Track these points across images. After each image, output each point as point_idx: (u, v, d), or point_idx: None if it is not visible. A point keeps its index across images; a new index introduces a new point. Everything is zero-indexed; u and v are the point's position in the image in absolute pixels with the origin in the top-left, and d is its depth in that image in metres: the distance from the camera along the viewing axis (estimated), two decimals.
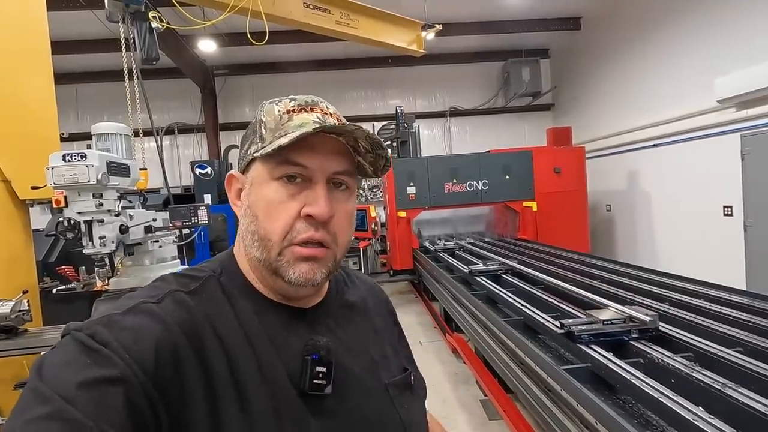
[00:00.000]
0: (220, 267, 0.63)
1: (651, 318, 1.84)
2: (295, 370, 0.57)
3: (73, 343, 0.49)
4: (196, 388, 0.51)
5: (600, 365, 1.69)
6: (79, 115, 8.28)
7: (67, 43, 6.56)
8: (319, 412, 0.57)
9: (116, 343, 0.48)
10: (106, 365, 0.47)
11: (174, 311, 0.54)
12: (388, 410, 0.64)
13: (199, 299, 0.57)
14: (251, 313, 0.59)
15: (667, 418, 1.35)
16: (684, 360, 1.63)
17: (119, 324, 0.50)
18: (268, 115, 0.61)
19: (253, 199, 0.60)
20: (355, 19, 4.70)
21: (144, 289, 0.58)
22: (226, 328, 0.56)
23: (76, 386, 0.44)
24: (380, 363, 0.68)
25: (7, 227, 2.64)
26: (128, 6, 3.04)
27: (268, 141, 0.58)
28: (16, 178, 2.63)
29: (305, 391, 0.56)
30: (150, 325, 0.51)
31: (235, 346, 0.55)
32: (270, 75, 8.62)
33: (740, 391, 1.34)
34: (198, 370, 0.52)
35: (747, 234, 4.38)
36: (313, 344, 0.59)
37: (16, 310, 2.11)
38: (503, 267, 3.56)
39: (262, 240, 0.59)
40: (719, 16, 4.71)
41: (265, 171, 0.59)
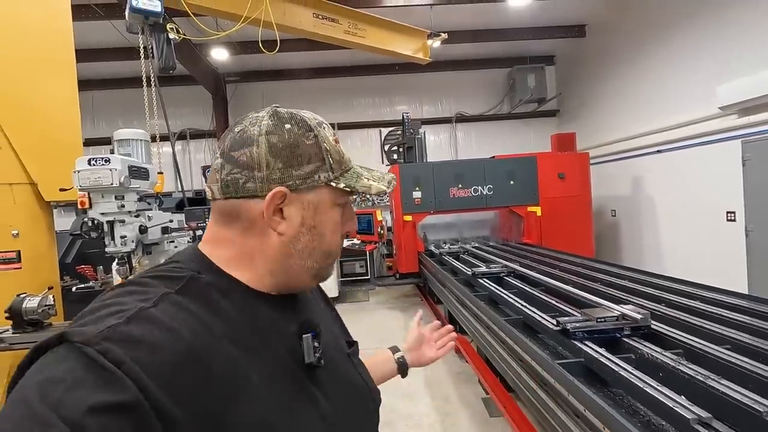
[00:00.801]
0: (197, 267, 0.62)
1: (642, 316, 1.93)
2: (293, 348, 0.63)
3: (80, 359, 0.45)
4: (212, 388, 0.51)
5: (592, 360, 1.77)
6: (94, 121, 8.53)
7: (84, 52, 6.78)
8: (317, 382, 0.64)
9: (132, 364, 0.45)
10: (119, 389, 0.43)
11: (175, 315, 0.53)
12: (355, 375, 0.76)
13: (191, 298, 0.56)
14: (243, 304, 0.62)
15: (652, 407, 1.44)
16: (672, 355, 1.71)
17: (129, 337, 0.47)
18: (326, 142, 0.66)
19: (322, 220, 0.66)
20: (362, 29, 4.85)
21: (126, 291, 0.55)
22: (226, 322, 0.57)
23: (85, 411, 0.41)
24: (338, 336, 0.79)
25: (32, 227, 2.79)
26: (147, 18, 3.21)
27: (338, 172, 0.66)
28: (41, 180, 2.78)
29: (309, 365, 0.63)
30: (159, 336, 0.49)
31: (240, 337, 0.58)
32: (280, 82, 8.82)
33: (721, 383, 1.42)
34: (210, 369, 0.52)
35: (748, 239, 4.42)
36: (308, 323, 0.66)
37: (42, 305, 2.24)
38: (506, 269, 3.64)
39: (326, 253, 0.68)
40: (722, 25, 4.78)
41: (331, 197, 0.66)
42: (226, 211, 0.64)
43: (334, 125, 8.96)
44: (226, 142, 0.64)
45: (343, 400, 0.68)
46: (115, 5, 5.22)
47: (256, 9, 3.79)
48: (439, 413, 3.18)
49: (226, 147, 0.64)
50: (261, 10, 3.81)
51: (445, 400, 3.37)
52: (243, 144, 0.62)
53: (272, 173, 0.62)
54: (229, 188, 0.62)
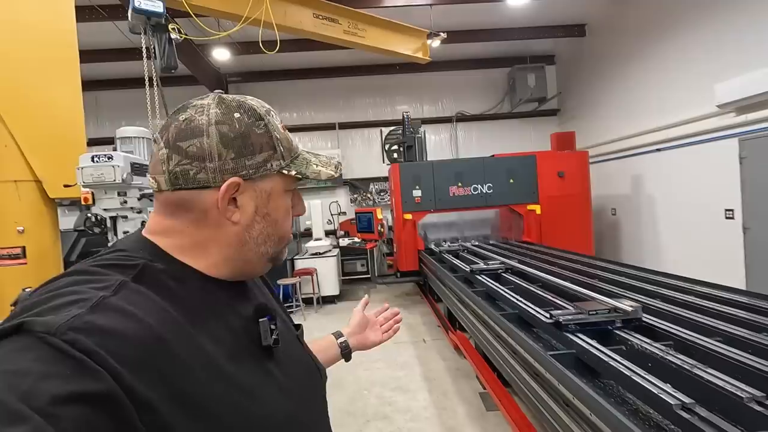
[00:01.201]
0: (148, 255, 0.61)
1: (633, 309, 1.96)
2: (250, 331, 0.65)
3: (48, 350, 0.43)
4: (180, 373, 0.51)
5: (584, 351, 1.81)
6: (98, 121, 8.60)
7: (87, 53, 6.84)
8: (275, 360, 0.67)
9: (102, 353, 0.44)
10: (92, 379, 0.42)
11: (137, 302, 0.52)
12: (305, 355, 0.80)
13: (147, 286, 0.56)
14: (201, 291, 0.62)
15: (638, 394, 1.47)
16: (662, 346, 1.74)
17: (96, 327, 0.46)
18: (277, 131, 0.67)
19: (274, 207, 0.68)
20: (362, 29, 4.89)
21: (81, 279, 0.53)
22: (185, 308, 0.57)
23: (56, 401, 0.39)
24: (286, 320, 0.82)
25: (37, 224, 2.84)
26: (150, 19, 3.26)
27: (289, 159, 0.68)
28: (46, 178, 2.83)
29: (267, 346, 0.65)
30: (127, 325, 0.48)
31: (201, 322, 0.58)
32: (281, 82, 8.88)
33: (707, 371, 1.45)
34: (178, 353, 0.52)
35: (746, 236, 4.44)
36: (264, 307, 0.69)
37: None
38: (503, 266, 3.68)
39: (279, 239, 0.70)
40: (719, 24, 4.80)
41: (283, 184, 0.68)
42: (175, 202, 0.62)
43: (335, 125, 9.03)
44: (170, 132, 0.61)
45: (299, 378, 0.72)
46: (118, 6, 5.28)
47: (256, 9, 3.84)
48: (437, 407, 3.22)
49: (171, 137, 0.61)
50: (261, 11, 3.86)
51: (443, 394, 3.40)
52: (191, 134, 0.60)
53: (225, 164, 0.61)
54: (179, 180, 0.60)
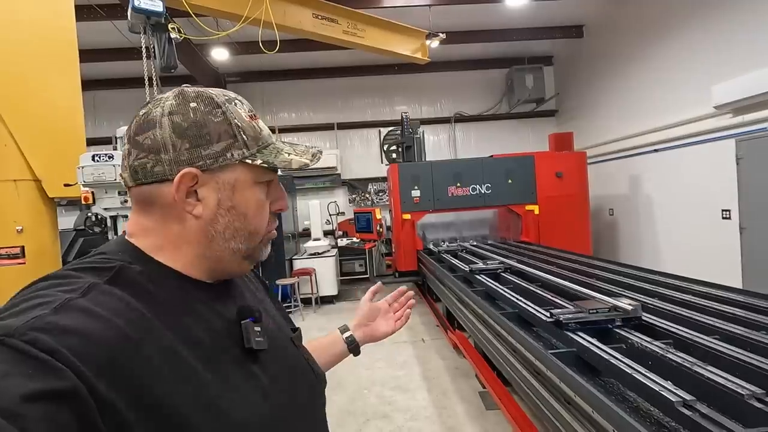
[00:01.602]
0: (128, 257, 0.60)
1: (633, 307, 1.97)
2: (235, 333, 0.63)
3: (6, 351, 0.42)
4: (151, 374, 0.50)
5: (584, 349, 1.82)
6: (96, 121, 8.57)
7: (86, 52, 6.81)
8: (261, 364, 0.64)
9: (64, 351, 0.43)
10: (54, 377, 0.42)
11: (106, 303, 0.51)
12: (299, 358, 0.76)
13: (122, 288, 0.54)
14: (179, 291, 0.61)
15: (639, 391, 1.48)
16: (662, 345, 1.76)
17: (57, 326, 0.45)
18: (239, 119, 0.63)
19: (240, 200, 0.64)
20: (361, 29, 4.91)
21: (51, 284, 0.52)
22: (160, 309, 0.56)
23: (19, 400, 0.39)
24: (280, 322, 0.79)
25: (36, 223, 2.84)
26: (149, 18, 3.26)
27: (254, 149, 0.64)
28: (45, 177, 2.83)
29: (251, 349, 0.62)
30: (90, 324, 0.47)
31: (176, 323, 0.57)
32: (280, 82, 8.88)
33: (707, 369, 1.47)
34: (148, 356, 0.51)
35: (742, 236, 4.47)
36: (247, 309, 0.66)
37: None
38: (502, 266, 3.69)
39: (250, 234, 0.65)
40: (717, 26, 4.84)
41: (250, 175, 0.64)
42: (142, 198, 0.62)
43: (333, 125, 9.03)
44: (131, 127, 0.62)
45: (288, 382, 0.69)
46: (117, 6, 5.27)
47: (256, 9, 3.84)
48: (436, 406, 3.23)
49: (131, 131, 0.61)
50: (261, 11, 3.86)
51: (443, 393, 3.41)
52: (147, 127, 0.60)
53: (180, 155, 0.59)
54: (138, 174, 0.60)
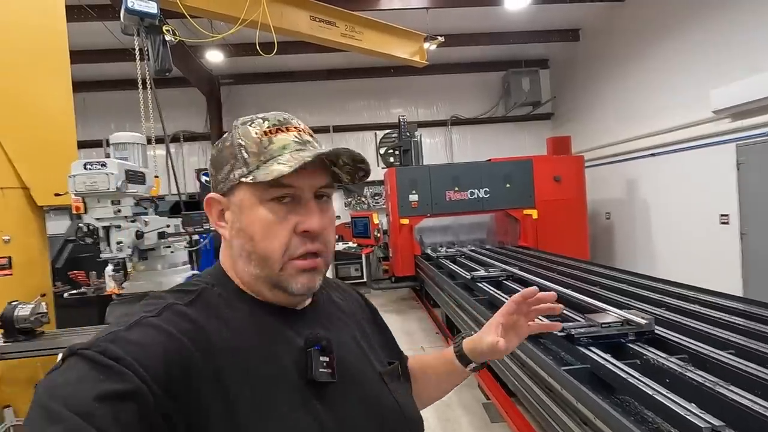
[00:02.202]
0: (213, 280, 0.65)
1: (647, 321, 1.92)
2: (300, 362, 0.61)
3: (83, 362, 0.49)
4: (209, 391, 0.53)
5: (598, 366, 1.76)
6: (87, 124, 8.39)
7: (75, 53, 6.65)
8: (326, 400, 0.60)
9: (128, 358, 0.49)
10: (119, 380, 0.47)
11: (176, 322, 0.55)
12: (385, 396, 0.69)
13: (198, 308, 0.59)
14: (249, 315, 0.62)
15: (662, 414, 1.42)
16: (678, 361, 1.70)
17: (125, 339, 0.51)
18: (245, 138, 0.63)
19: (246, 222, 0.62)
20: (359, 32, 4.84)
21: (140, 306, 0.59)
22: (228, 332, 0.58)
23: (91, 401, 0.45)
24: (370, 355, 0.74)
25: (24, 232, 2.72)
26: (143, 20, 3.16)
27: (254, 165, 0.61)
28: (34, 184, 2.72)
29: (313, 380, 0.60)
30: (155, 337, 0.52)
31: (241, 347, 0.58)
32: (274, 84, 8.77)
33: (730, 389, 1.41)
34: (209, 374, 0.54)
35: (743, 242, 4.46)
36: (314, 337, 0.63)
37: (34, 313, 2.19)
38: (504, 273, 3.64)
39: (261, 259, 0.62)
40: (715, 29, 4.84)
41: (254, 195, 0.62)
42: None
43: (329, 128, 8.94)
44: None
45: (359, 422, 0.63)
46: (108, 6, 5.15)
47: (253, 11, 3.76)
48: (440, 419, 3.16)
49: None
50: (258, 13, 3.78)
51: (446, 405, 3.34)
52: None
53: (214, 182, 0.67)
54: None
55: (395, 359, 0.79)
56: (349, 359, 0.67)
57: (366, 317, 0.81)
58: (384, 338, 0.83)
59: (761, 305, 2.36)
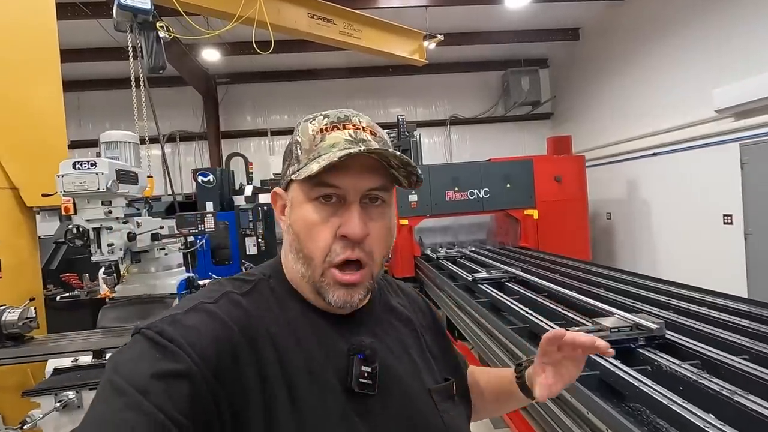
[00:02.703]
0: (270, 271, 0.67)
1: (658, 326, 1.86)
2: (342, 370, 0.59)
3: (143, 340, 0.53)
4: (252, 383, 0.54)
5: (608, 372, 1.70)
6: (81, 123, 8.31)
7: (70, 52, 6.61)
8: (364, 411, 0.59)
9: (181, 340, 0.52)
10: (173, 359, 0.50)
11: (230, 310, 0.58)
12: (431, 414, 0.65)
13: (251, 300, 0.61)
14: (299, 315, 0.62)
15: (678, 425, 1.36)
16: (692, 368, 1.64)
17: (182, 322, 0.54)
18: (303, 135, 0.63)
19: (294, 219, 0.63)
20: (358, 30, 4.77)
21: (201, 291, 0.62)
22: (276, 328, 0.59)
23: (148, 378, 0.48)
24: (423, 368, 0.69)
25: (14, 234, 2.65)
26: (136, 16, 3.08)
27: (303, 163, 0.61)
28: (24, 185, 2.64)
29: (352, 390, 0.58)
30: (210, 323, 0.55)
31: (286, 345, 0.58)
32: (271, 83, 8.70)
33: (749, 398, 1.35)
34: (254, 366, 0.55)
35: (747, 243, 4.41)
36: (358, 344, 0.61)
37: (23, 318, 2.11)
38: (506, 275, 3.58)
39: (306, 258, 0.62)
40: (718, 27, 4.79)
41: (302, 192, 0.62)
42: None
43: None
44: None
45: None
46: (102, 4, 5.07)
47: (249, 8, 3.68)
48: None
49: None
50: (255, 9, 3.71)
51: None
52: None
53: (282, 177, 0.68)
54: None
55: (452, 376, 0.74)
56: (396, 371, 0.65)
57: (428, 326, 0.78)
58: (444, 352, 0.78)
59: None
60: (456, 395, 0.72)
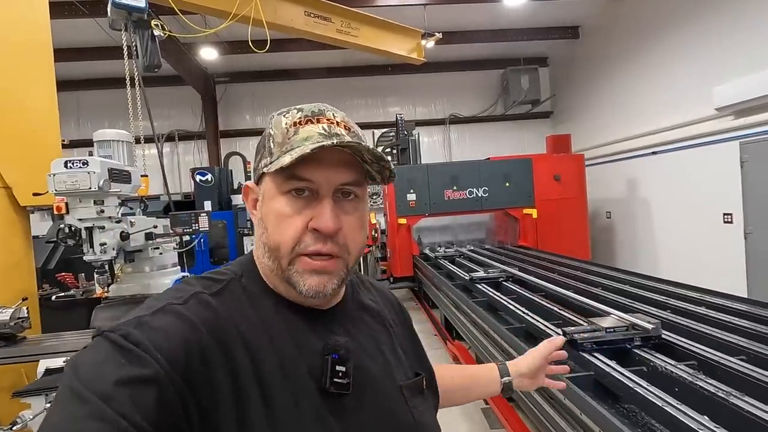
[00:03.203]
0: (241, 270, 0.65)
1: (654, 326, 1.84)
2: (316, 369, 0.59)
3: (106, 343, 0.50)
4: (223, 385, 0.53)
5: (603, 373, 1.67)
6: (80, 122, 8.31)
7: (69, 51, 6.60)
8: (338, 410, 0.58)
9: (148, 343, 0.50)
10: (139, 364, 0.48)
11: (199, 311, 0.56)
12: (402, 411, 0.66)
13: (222, 300, 0.59)
14: (272, 313, 0.61)
15: (672, 427, 1.34)
16: (687, 368, 1.62)
17: (149, 324, 0.52)
18: (275, 128, 0.62)
19: (265, 212, 0.63)
20: (356, 28, 4.74)
21: (168, 292, 0.60)
22: (248, 327, 0.58)
23: (112, 384, 0.46)
24: (394, 365, 0.69)
25: (7, 234, 2.63)
26: (131, 14, 3.07)
27: (276, 156, 0.60)
28: (17, 184, 2.62)
29: (326, 389, 0.58)
30: (177, 325, 0.53)
31: (258, 345, 0.57)
32: (270, 83, 8.68)
33: (745, 400, 1.33)
34: (224, 368, 0.54)
35: (747, 241, 4.38)
36: (333, 343, 0.61)
37: (15, 318, 2.10)
38: (504, 274, 3.55)
39: (272, 251, 0.61)
40: (717, 25, 4.75)
41: (273, 185, 0.61)
42: None
43: None
44: None
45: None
46: (99, 2, 5.05)
47: (245, 6, 3.66)
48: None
49: None
50: (251, 7, 3.68)
51: (446, 410, 3.25)
52: None
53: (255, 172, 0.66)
54: None
55: (422, 371, 0.75)
56: (370, 369, 0.64)
57: (398, 323, 0.78)
58: (413, 347, 0.79)
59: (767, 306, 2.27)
60: (425, 389, 0.73)
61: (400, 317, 0.81)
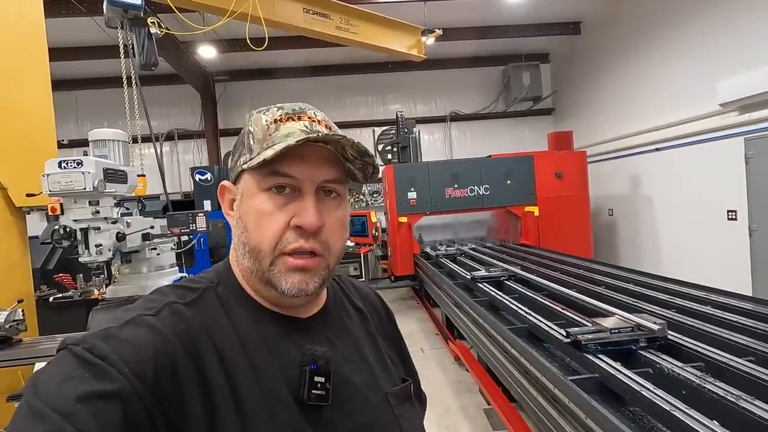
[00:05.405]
0: (217, 277, 0.63)
1: (660, 326, 1.80)
2: (293, 380, 0.57)
3: (71, 357, 0.48)
4: (194, 399, 0.51)
5: (608, 376, 1.64)
6: (79, 122, 8.28)
7: (67, 50, 6.56)
8: (316, 422, 0.56)
9: (115, 357, 0.48)
10: (104, 379, 0.46)
11: (171, 323, 0.54)
12: (388, 419, 0.64)
13: (196, 310, 0.57)
14: (248, 323, 0.59)
15: (677, 430, 1.30)
16: (695, 370, 1.58)
17: (117, 337, 0.50)
18: (255, 125, 0.61)
19: (244, 210, 0.60)
20: (355, 25, 4.70)
21: (141, 301, 0.58)
22: (223, 339, 0.56)
23: (73, 401, 0.44)
24: (379, 372, 0.67)
25: (3, 235, 2.60)
26: (127, 12, 3.03)
27: (256, 152, 0.58)
28: (12, 185, 2.60)
29: (304, 401, 0.56)
30: (148, 338, 0.51)
31: (233, 357, 0.55)
32: (270, 81, 8.63)
33: (755, 404, 1.29)
34: (196, 381, 0.52)
35: (752, 238, 4.33)
36: (311, 354, 0.58)
37: (10, 320, 2.07)
38: (506, 273, 3.52)
39: (252, 251, 0.59)
40: (721, 19, 4.69)
41: (254, 182, 0.59)
42: None
43: None
44: None
45: None
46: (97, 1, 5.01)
47: (243, 2, 3.62)
48: (440, 426, 3.04)
49: None
50: (248, 4, 3.64)
51: (446, 411, 3.23)
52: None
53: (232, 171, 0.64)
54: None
55: (409, 376, 0.73)
56: (352, 379, 0.62)
57: (383, 325, 0.76)
58: (400, 352, 0.77)
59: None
60: (413, 395, 0.71)
61: (385, 321, 0.78)
